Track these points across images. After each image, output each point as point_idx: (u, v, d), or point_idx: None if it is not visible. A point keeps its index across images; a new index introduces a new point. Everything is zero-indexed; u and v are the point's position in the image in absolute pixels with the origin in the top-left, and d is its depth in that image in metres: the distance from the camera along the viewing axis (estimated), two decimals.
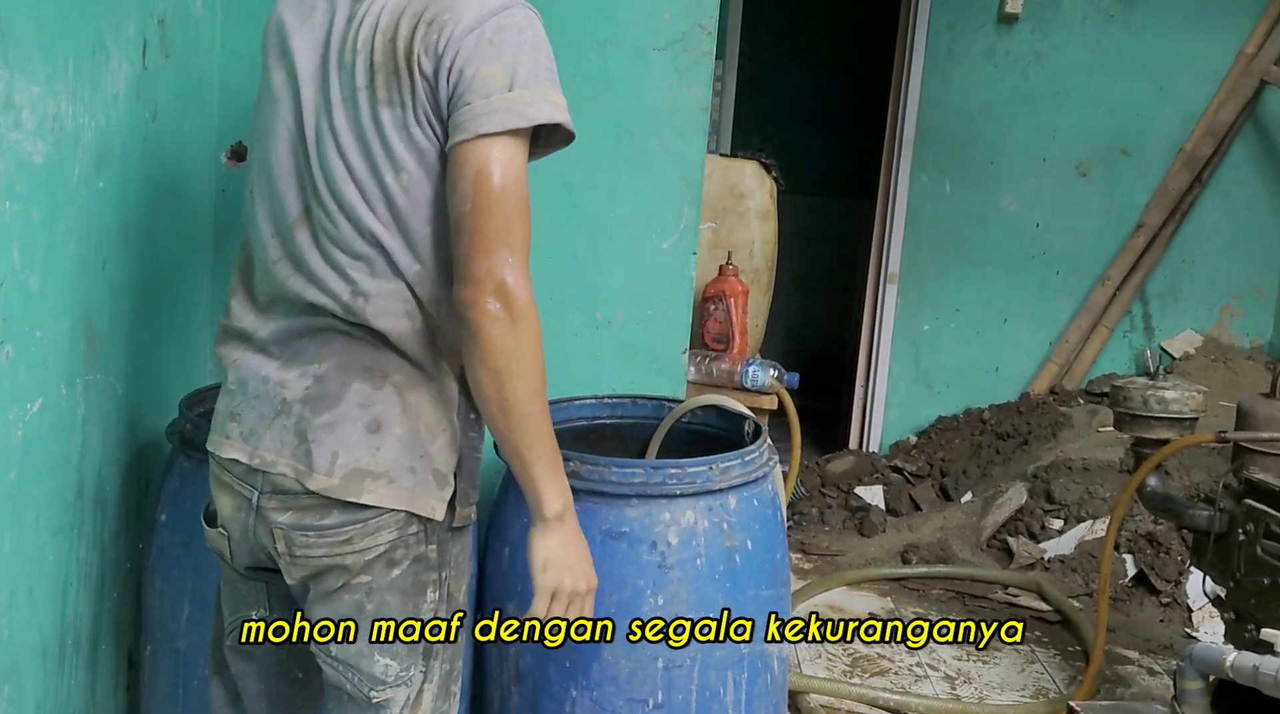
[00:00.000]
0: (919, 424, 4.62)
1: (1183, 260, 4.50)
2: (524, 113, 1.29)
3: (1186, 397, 2.52)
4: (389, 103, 1.32)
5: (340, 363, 1.37)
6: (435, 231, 1.35)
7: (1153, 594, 3.34)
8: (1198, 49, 4.36)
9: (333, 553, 1.36)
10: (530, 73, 1.30)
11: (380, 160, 1.33)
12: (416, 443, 1.36)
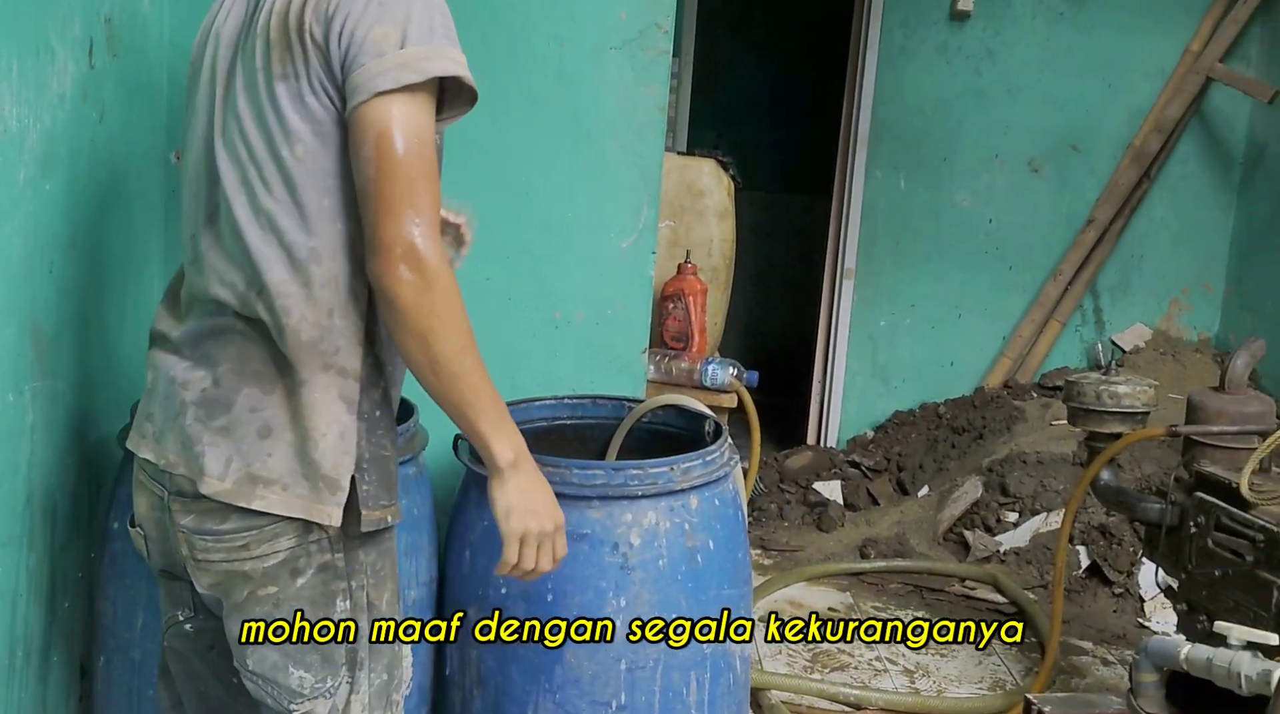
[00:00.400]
0: (876, 419, 4.65)
1: (1132, 255, 4.57)
2: (420, 67, 1.26)
3: (1138, 391, 2.56)
4: (283, 77, 1.31)
5: (234, 367, 1.36)
6: (333, 204, 1.32)
7: (1106, 585, 3.39)
8: (1145, 47, 4.43)
9: (231, 558, 1.35)
10: (423, 30, 1.28)
11: (277, 136, 1.31)
12: (305, 449, 1.34)
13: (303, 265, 1.32)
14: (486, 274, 2.40)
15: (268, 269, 1.32)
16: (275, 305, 1.32)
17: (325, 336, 1.34)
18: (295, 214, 1.32)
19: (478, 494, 1.98)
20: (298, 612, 1.36)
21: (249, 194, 1.33)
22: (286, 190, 1.32)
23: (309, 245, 1.32)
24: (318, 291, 1.33)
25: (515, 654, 1.89)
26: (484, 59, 2.32)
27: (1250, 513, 2.15)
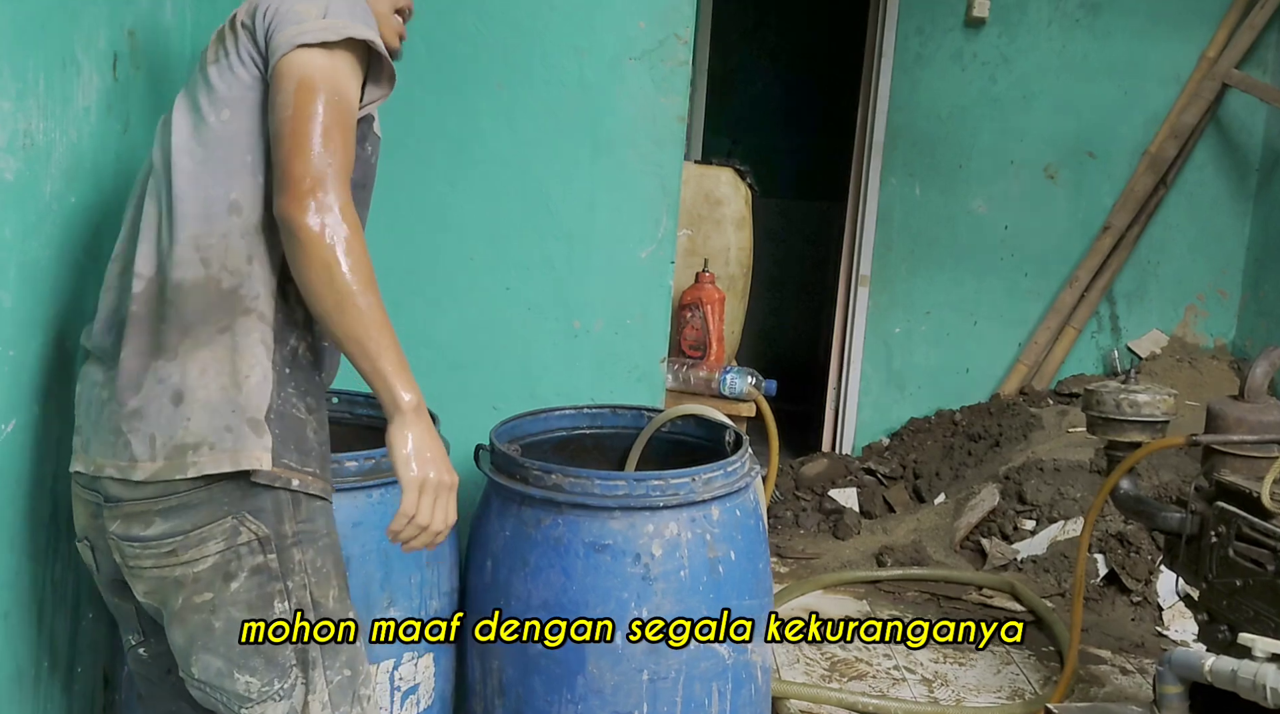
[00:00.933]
0: (891, 426, 4.64)
1: (1148, 261, 4.56)
2: (337, 28, 1.35)
3: (1158, 400, 2.55)
4: (214, 61, 1.44)
5: (135, 348, 1.40)
6: (255, 159, 1.40)
7: (1124, 593, 3.37)
8: (1161, 53, 4.42)
9: (161, 564, 1.37)
10: (342, 9, 1.38)
11: (205, 109, 1.41)
12: (226, 398, 1.36)
13: (222, 216, 1.39)
14: (506, 284, 2.41)
15: (190, 223, 1.39)
16: (195, 258, 1.38)
17: (244, 282, 1.38)
18: (219, 171, 1.39)
19: (499, 504, 1.99)
20: (234, 617, 1.37)
21: (179, 166, 1.41)
22: (211, 150, 1.40)
23: (230, 198, 1.39)
24: (236, 241, 1.38)
25: (537, 664, 1.90)
26: (504, 70, 2.33)
27: (1271, 522, 2.14)
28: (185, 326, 1.38)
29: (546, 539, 1.89)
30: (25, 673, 1.70)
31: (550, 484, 1.89)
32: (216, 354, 1.37)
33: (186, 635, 1.40)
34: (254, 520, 1.37)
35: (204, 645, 1.39)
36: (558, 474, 1.88)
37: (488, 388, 2.44)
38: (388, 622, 1.87)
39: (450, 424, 2.09)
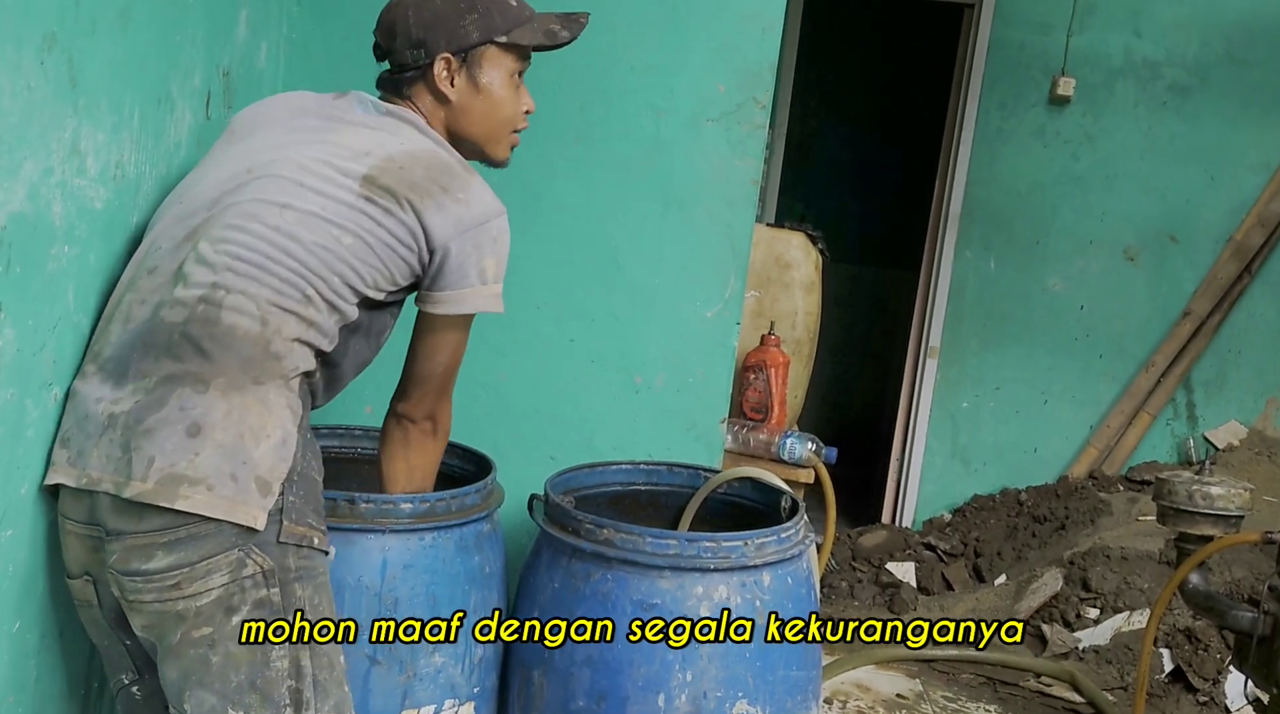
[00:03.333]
0: (954, 501, 4.55)
1: (1229, 350, 4.44)
2: (496, 306, 1.66)
3: (1233, 493, 2.47)
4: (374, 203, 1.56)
5: (167, 375, 1.41)
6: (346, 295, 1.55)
7: (1190, 692, 3.25)
8: (1251, 139, 4.34)
9: (163, 598, 1.36)
10: (502, 266, 1.65)
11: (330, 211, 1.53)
12: (239, 449, 1.38)
13: (296, 301, 1.49)
14: (570, 336, 2.42)
15: (267, 285, 1.48)
16: (256, 313, 1.45)
17: (290, 356, 1.48)
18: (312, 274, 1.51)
19: (550, 555, 1.98)
20: (233, 652, 1.37)
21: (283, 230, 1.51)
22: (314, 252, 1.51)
23: (309, 296, 1.51)
24: (295, 325, 1.49)
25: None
26: (581, 126, 2.36)
27: None
28: (224, 367, 1.42)
29: (594, 594, 1.88)
30: (76, 691, 1.72)
31: (601, 538, 1.88)
32: (246, 403, 1.41)
33: (181, 671, 1.39)
34: (259, 553, 1.39)
35: (199, 681, 1.38)
36: (609, 529, 1.87)
37: (546, 437, 2.45)
38: (431, 665, 1.87)
39: (506, 472, 2.10)
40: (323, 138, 1.60)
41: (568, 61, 2.14)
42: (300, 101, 1.72)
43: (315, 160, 1.56)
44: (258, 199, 1.53)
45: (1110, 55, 4.38)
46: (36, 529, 1.52)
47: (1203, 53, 4.35)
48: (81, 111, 1.50)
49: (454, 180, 1.60)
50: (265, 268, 1.48)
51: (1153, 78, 4.38)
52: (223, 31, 1.98)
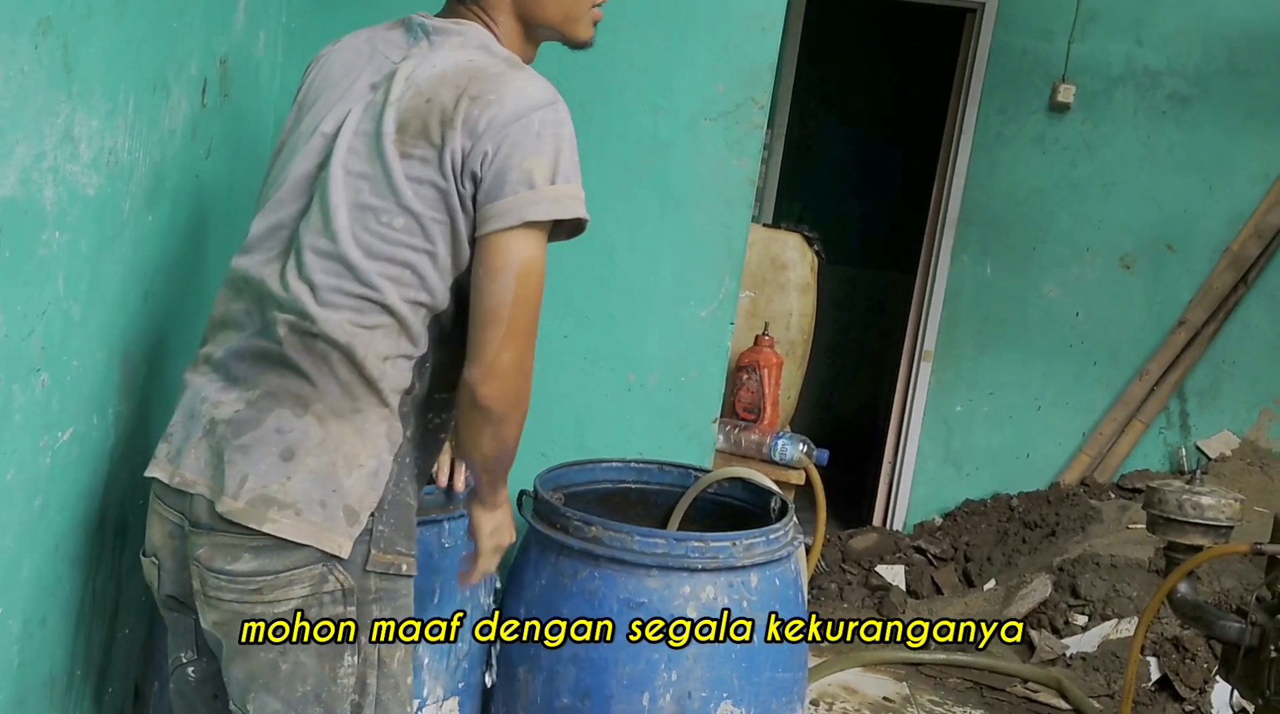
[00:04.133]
0: (945, 505, 4.56)
1: (1223, 360, 4.44)
2: (567, 206, 1.36)
3: (1223, 504, 2.47)
4: (404, 155, 1.38)
5: (270, 390, 1.39)
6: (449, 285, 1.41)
7: (1176, 701, 3.25)
8: (1249, 150, 4.34)
9: (243, 600, 1.35)
10: (570, 167, 1.37)
11: (375, 198, 1.38)
12: (330, 476, 1.36)
13: (373, 312, 1.38)
14: (565, 332, 2.42)
15: (342, 298, 1.38)
16: (341, 328, 1.37)
17: (385, 377, 1.39)
18: (379, 274, 1.38)
19: (538, 552, 1.98)
20: (303, 662, 1.36)
21: (354, 240, 1.39)
22: (377, 248, 1.38)
23: (418, 298, 1.40)
24: (380, 341, 1.38)
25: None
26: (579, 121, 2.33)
27: None
28: (324, 392, 1.38)
29: (581, 591, 1.87)
30: (58, 680, 1.71)
31: (589, 536, 1.88)
32: (343, 431, 1.38)
33: (248, 673, 1.38)
34: (343, 571, 1.37)
35: (265, 685, 1.37)
36: (598, 526, 1.87)
37: (538, 434, 2.42)
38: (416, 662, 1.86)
39: None
40: (366, 96, 1.45)
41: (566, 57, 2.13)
42: (354, 49, 1.54)
43: (358, 134, 1.42)
44: (322, 207, 1.41)
45: (1111, 63, 4.38)
46: (23, 515, 1.52)
47: (1204, 62, 4.35)
48: (75, 97, 1.49)
49: (486, 84, 1.37)
50: (339, 289, 1.38)
51: (1153, 86, 4.38)
52: (220, 19, 1.97)
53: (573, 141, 1.39)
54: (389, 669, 1.41)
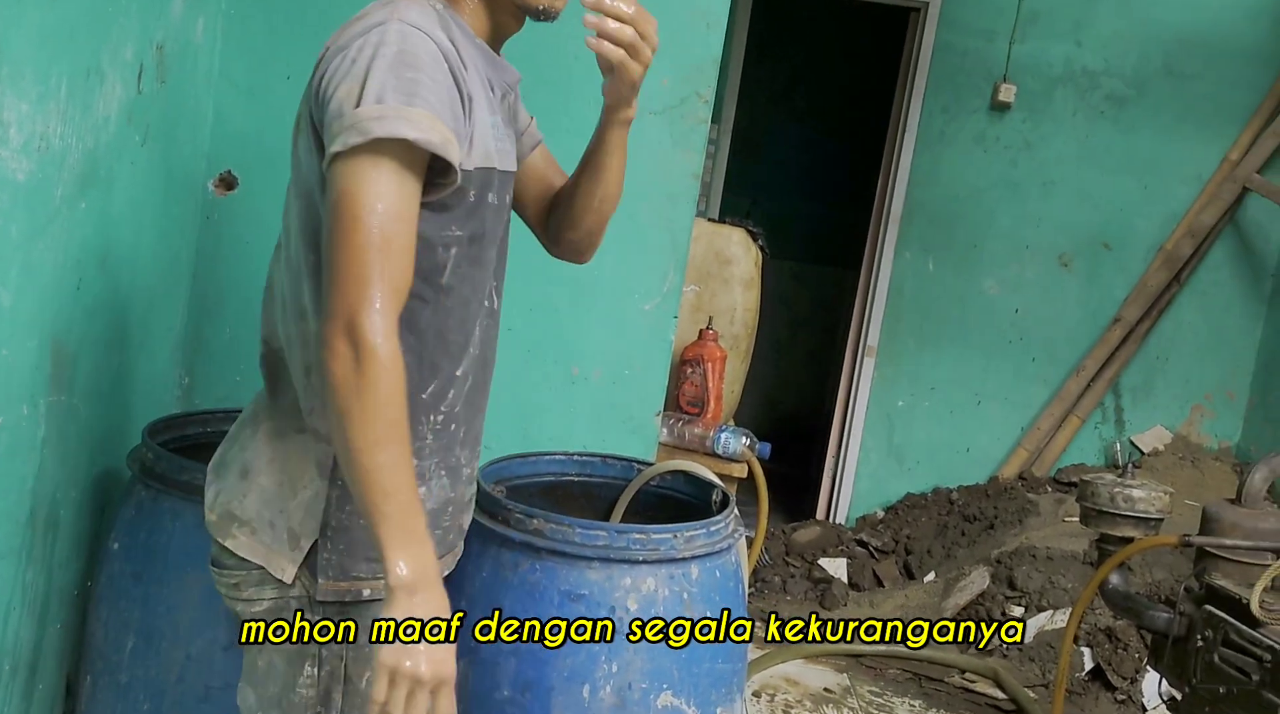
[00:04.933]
0: (887, 499, 4.61)
1: (1157, 357, 4.54)
2: (364, 128, 1.16)
3: (1153, 496, 2.53)
4: (300, 130, 1.31)
5: (250, 408, 1.43)
6: (315, 261, 1.28)
7: (1109, 690, 3.32)
8: (1184, 151, 4.44)
9: (228, 594, 1.39)
10: (379, 87, 1.18)
11: (289, 190, 1.34)
12: (278, 497, 1.34)
13: (293, 319, 1.33)
14: (509, 326, 2.39)
15: (280, 317, 1.36)
16: (287, 351, 1.35)
17: (303, 395, 1.33)
18: (289, 268, 1.33)
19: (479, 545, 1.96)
20: (274, 664, 1.36)
21: (288, 240, 1.34)
22: (287, 241, 1.34)
23: (299, 302, 1.32)
24: (298, 350, 1.32)
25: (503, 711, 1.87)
26: None
27: (1259, 631, 2.11)
28: (277, 411, 1.36)
29: (523, 584, 1.87)
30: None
31: (531, 529, 1.87)
32: (288, 450, 1.34)
33: (243, 662, 1.41)
34: (309, 579, 1.34)
35: (247, 677, 1.40)
36: (539, 519, 1.86)
37: None
38: None
39: None
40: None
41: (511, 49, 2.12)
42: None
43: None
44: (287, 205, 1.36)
45: (1051, 64, 4.46)
46: None
47: (1141, 65, 4.44)
48: (4, 80, 1.46)
49: (339, 34, 1.27)
50: (294, 295, 1.33)
51: (1091, 87, 4.46)
52: (158, 4, 1.94)
53: (395, 59, 1.19)
54: (356, 688, 1.36)
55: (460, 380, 1.38)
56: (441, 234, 1.29)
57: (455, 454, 1.42)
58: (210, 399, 2.30)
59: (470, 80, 1.29)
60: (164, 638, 1.82)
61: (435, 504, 1.41)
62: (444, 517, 1.45)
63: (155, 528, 1.83)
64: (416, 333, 1.31)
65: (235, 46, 2.25)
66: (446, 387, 1.37)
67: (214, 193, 2.29)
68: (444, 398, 1.37)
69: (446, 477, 1.42)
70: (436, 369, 1.35)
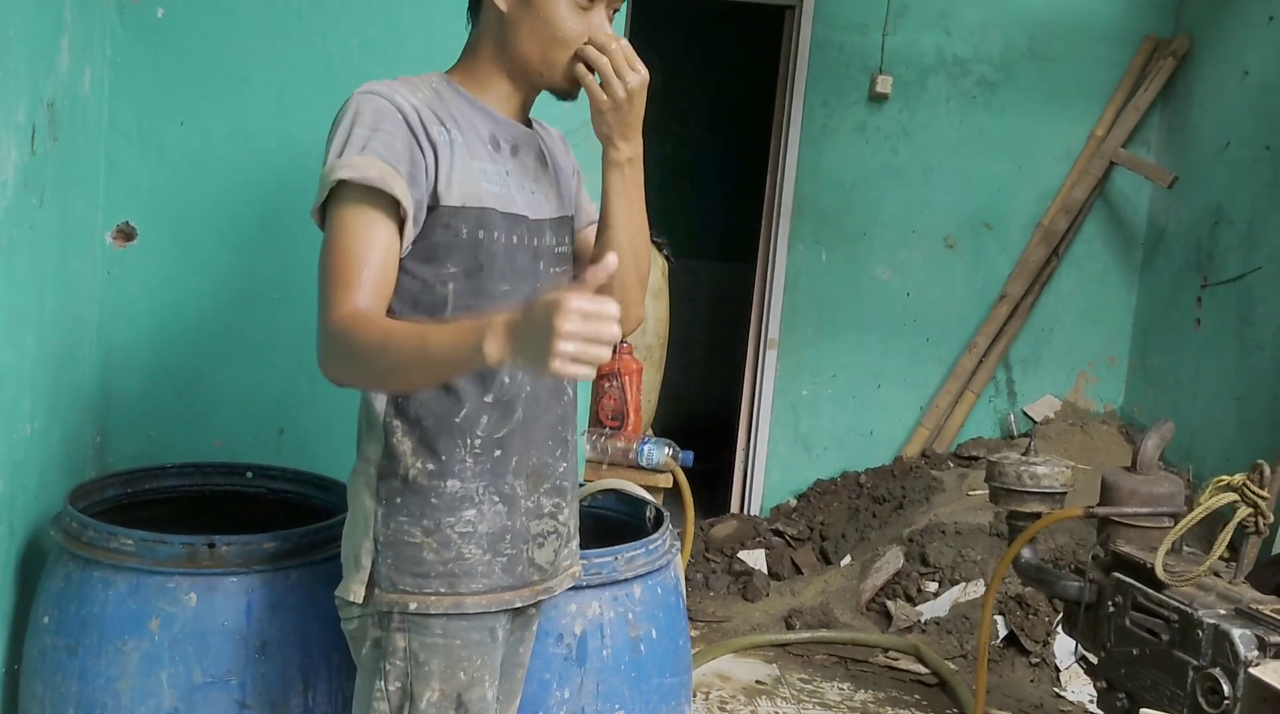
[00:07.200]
0: (799, 487, 4.72)
1: (1042, 329, 4.74)
2: (325, 181, 1.41)
3: (1056, 472, 2.65)
4: None
5: None
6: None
7: (1023, 654, 3.47)
8: (1053, 131, 4.64)
9: (340, 615, 1.55)
10: (340, 142, 1.41)
11: None
12: (351, 530, 1.52)
13: None
14: None
15: None
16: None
17: (359, 421, 1.52)
18: None
19: None
20: (362, 678, 1.53)
21: None
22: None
23: None
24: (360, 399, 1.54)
25: None
26: None
27: (1164, 593, 2.24)
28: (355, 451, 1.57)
29: None
30: None
31: None
32: (354, 489, 1.53)
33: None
34: (371, 594, 1.49)
35: (354, 694, 1.56)
36: None
37: None
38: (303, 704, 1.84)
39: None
40: None
41: None
42: None
43: None
44: None
45: (923, 54, 4.61)
46: None
47: (1007, 50, 4.62)
48: None
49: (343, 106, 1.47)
50: None
51: (962, 74, 4.63)
52: (44, 61, 1.89)
53: (355, 116, 1.42)
54: (418, 707, 1.47)
55: (492, 407, 1.49)
56: (438, 272, 1.46)
57: (508, 482, 1.51)
58: (123, 458, 2.25)
59: (453, 131, 1.47)
60: (105, 710, 1.78)
61: (490, 528, 1.50)
62: (503, 544, 1.52)
63: (86, 598, 1.78)
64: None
65: (124, 95, 2.20)
66: (478, 412, 1.48)
67: (113, 245, 2.23)
68: (477, 423, 1.48)
69: (502, 503, 1.51)
70: (460, 395, 1.47)
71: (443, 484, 1.47)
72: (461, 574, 1.47)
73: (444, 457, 1.47)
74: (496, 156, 1.52)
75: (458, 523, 1.47)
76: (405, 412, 1.47)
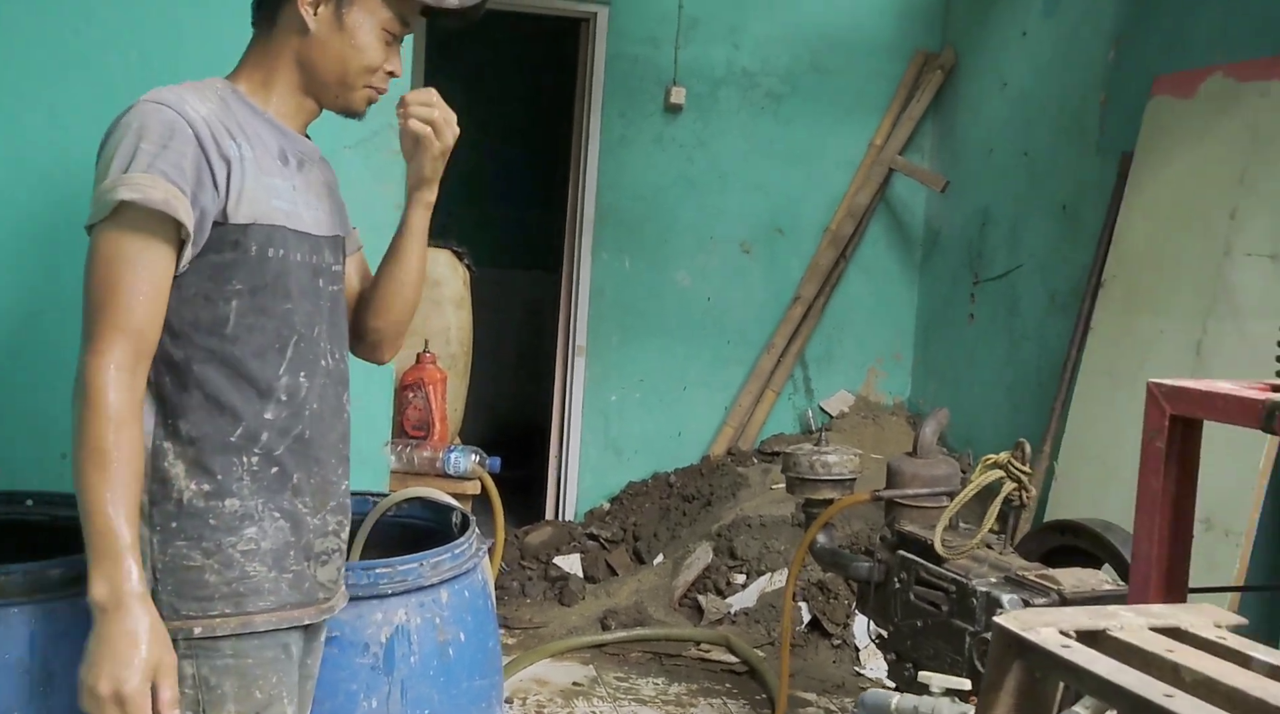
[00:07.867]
0: (611, 490, 4.80)
1: (834, 328, 4.99)
2: (101, 201, 1.36)
3: (845, 459, 2.82)
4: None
5: None
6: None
7: (826, 637, 3.65)
8: (836, 139, 4.90)
9: None
10: (121, 161, 1.37)
11: None
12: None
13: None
14: None
15: None
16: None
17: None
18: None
19: None
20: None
21: None
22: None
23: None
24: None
25: None
26: None
27: (943, 567, 2.41)
28: None
29: None
30: None
31: None
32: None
33: None
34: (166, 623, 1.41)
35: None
36: None
37: None
38: None
39: None
40: None
41: None
42: None
43: None
44: None
45: (714, 66, 4.78)
46: None
47: (792, 63, 4.84)
48: None
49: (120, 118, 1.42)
50: None
51: (751, 86, 4.82)
52: None
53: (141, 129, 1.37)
54: None
55: (271, 425, 1.47)
56: (222, 288, 1.43)
57: (290, 501, 1.49)
58: None
59: (243, 145, 1.45)
60: None
61: (273, 545, 1.47)
62: (288, 560, 1.49)
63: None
64: (205, 380, 1.43)
65: None
66: (256, 430, 1.46)
67: None
68: (256, 441, 1.46)
69: (284, 520, 1.49)
70: (237, 413, 1.45)
71: (220, 504, 1.44)
72: (248, 593, 1.45)
73: (220, 476, 1.44)
74: (285, 171, 1.52)
75: (239, 542, 1.45)
76: (177, 432, 1.43)
